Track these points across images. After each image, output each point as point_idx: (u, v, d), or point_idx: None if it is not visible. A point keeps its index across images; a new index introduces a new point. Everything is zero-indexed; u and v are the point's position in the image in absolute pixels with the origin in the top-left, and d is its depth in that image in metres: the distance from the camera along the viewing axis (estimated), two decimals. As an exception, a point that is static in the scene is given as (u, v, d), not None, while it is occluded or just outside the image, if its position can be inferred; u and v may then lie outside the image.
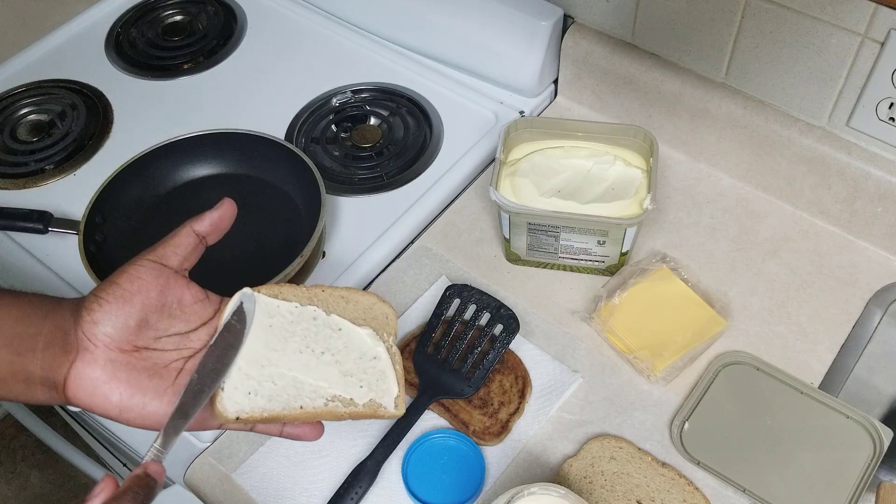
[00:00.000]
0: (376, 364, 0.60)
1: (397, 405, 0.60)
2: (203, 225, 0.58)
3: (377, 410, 0.59)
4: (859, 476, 0.72)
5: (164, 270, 0.55)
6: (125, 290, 0.53)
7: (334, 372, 0.59)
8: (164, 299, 0.55)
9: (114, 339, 0.52)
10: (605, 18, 0.95)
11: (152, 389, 0.53)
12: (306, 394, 0.57)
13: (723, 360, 0.79)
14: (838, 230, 0.89)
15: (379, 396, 0.59)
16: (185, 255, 0.57)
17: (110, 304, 0.52)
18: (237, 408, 0.55)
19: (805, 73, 0.83)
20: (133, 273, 0.54)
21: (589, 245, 0.82)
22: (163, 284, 0.54)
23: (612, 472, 0.72)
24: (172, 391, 0.54)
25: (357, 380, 0.59)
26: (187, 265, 0.57)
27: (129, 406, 0.53)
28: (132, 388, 0.53)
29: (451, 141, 0.99)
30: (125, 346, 0.53)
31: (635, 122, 0.97)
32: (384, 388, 0.60)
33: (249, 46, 1.12)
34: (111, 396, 0.52)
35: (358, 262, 0.87)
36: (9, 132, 1.02)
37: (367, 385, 0.59)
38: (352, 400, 0.58)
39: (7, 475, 1.73)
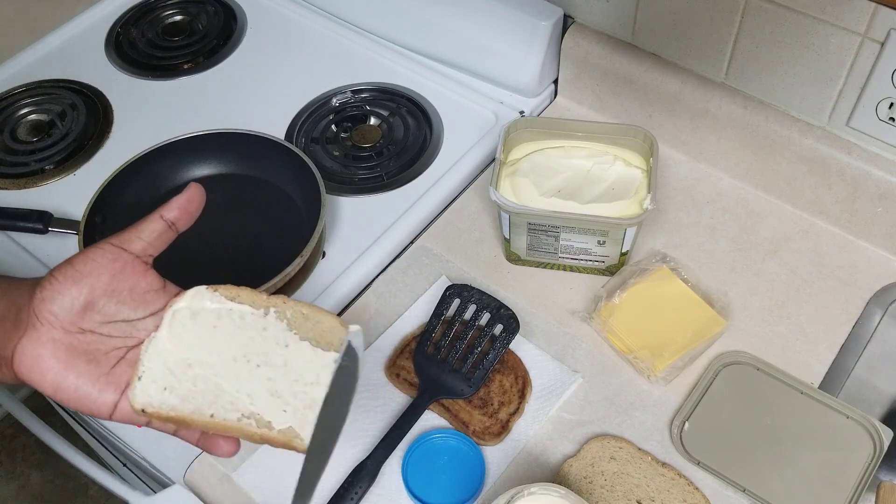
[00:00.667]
0: (311, 391, 0.53)
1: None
2: (171, 211, 0.57)
3: (291, 441, 0.53)
4: (859, 476, 0.72)
5: (123, 255, 0.54)
6: (77, 270, 0.53)
7: (262, 389, 0.53)
8: (115, 284, 0.54)
9: (58, 318, 0.52)
10: (605, 18, 0.95)
11: (87, 374, 0.53)
12: (222, 403, 0.53)
13: (723, 360, 0.79)
14: (838, 230, 0.89)
15: (300, 426, 0.53)
16: (149, 240, 0.56)
17: (60, 284, 0.52)
18: (146, 400, 0.53)
19: (805, 73, 0.83)
20: (89, 255, 0.54)
21: (589, 245, 0.82)
22: (117, 269, 0.54)
23: (612, 472, 0.72)
24: (107, 379, 0.54)
25: (283, 402, 0.53)
26: (152, 251, 0.56)
27: (62, 386, 0.53)
28: (67, 369, 0.53)
29: (451, 141, 0.99)
30: (69, 327, 0.53)
31: (635, 122, 0.97)
32: (309, 419, 0.53)
33: (249, 46, 1.12)
34: (47, 375, 0.52)
35: (358, 262, 0.87)
36: (9, 132, 1.02)
37: (292, 412, 0.53)
38: (269, 423, 0.53)
39: (7, 475, 1.73)
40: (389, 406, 0.78)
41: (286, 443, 0.53)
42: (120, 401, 0.54)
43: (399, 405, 0.78)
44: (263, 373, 0.54)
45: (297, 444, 0.53)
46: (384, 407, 0.78)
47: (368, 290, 0.87)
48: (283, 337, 0.55)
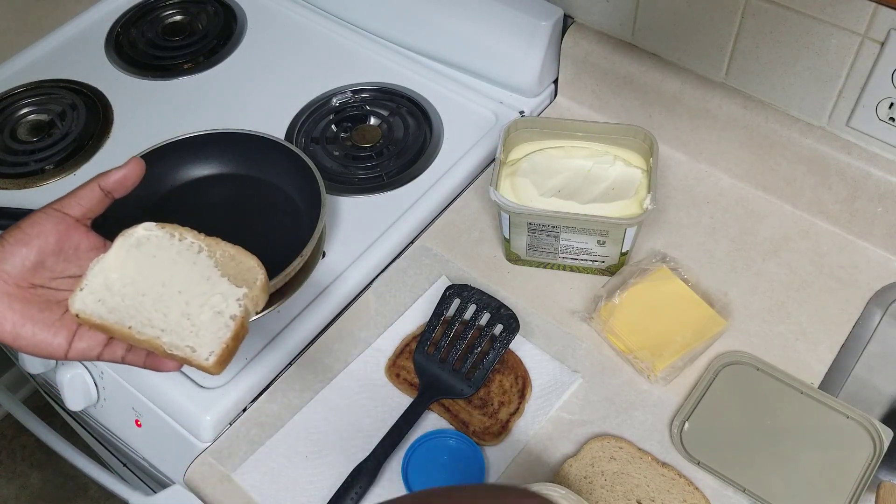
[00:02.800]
0: (217, 320, 0.60)
1: (209, 359, 0.59)
2: (108, 182, 0.63)
3: (190, 357, 0.59)
4: (859, 476, 0.72)
5: (66, 219, 0.61)
6: (26, 233, 0.59)
7: (177, 311, 0.60)
8: (61, 245, 0.60)
9: (11, 275, 0.58)
10: (605, 18, 0.95)
11: (42, 321, 0.59)
12: (141, 318, 0.60)
13: (723, 360, 0.79)
14: (838, 230, 0.89)
15: (198, 345, 0.59)
16: (87, 206, 0.62)
17: (11, 246, 0.59)
18: (82, 307, 0.59)
19: (805, 73, 0.83)
20: (36, 219, 0.60)
21: (589, 245, 0.82)
22: (62, 231, 0.60)
23: (612, 472, 0.72)
24: (60, 323, 0.60)
25: (191, 324, 0.60)
26: (90, 215, 0.63)
27: (20, 334, 0.59)
28: (24, 318, 0.59)
29: (451, 141, 0.99)
30: (22, 283, 0.59)
31: (635, 122, 0.97)
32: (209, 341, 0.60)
33: (249, 46, 1.12)
34: (5, 325, 0.58)
35: (358, 262, 0.87)
36: (9, 132, 1.02)
37: (196, 333, 0.60)
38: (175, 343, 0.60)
39: (7, 475, 1.73)
40: (389, 406, 0.78)
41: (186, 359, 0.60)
42: (73, 341, 0.60)
43: (399, 405, 0.78)
44: (182, 298, 0.61)
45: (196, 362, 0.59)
46: (384, 407, 0.78)
47: (368, 290, 0.87)
48: (207, 272, 0.62)
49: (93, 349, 0.61)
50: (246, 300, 0.61)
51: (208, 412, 0.76)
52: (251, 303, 0.62)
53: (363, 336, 0.83)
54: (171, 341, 0.59)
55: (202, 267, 0.62)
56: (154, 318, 0.60)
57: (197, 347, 0.59)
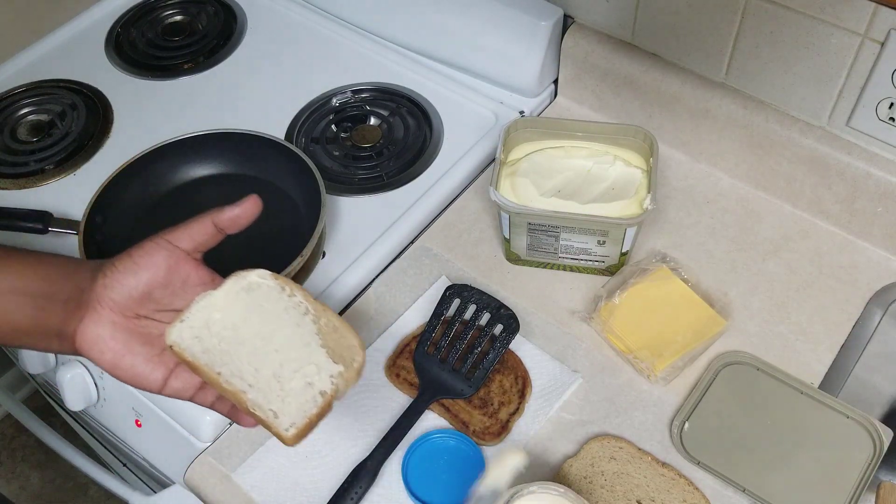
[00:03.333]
0: (307, 391, 0.59)
1: (289, 430, 0.58)
2: (222, 219, 0.61)
3: (270, 423, 0.58)
4: (859, 476, 0.72)
5: (176, 251, 0.59)
6: (136, 263, 0.58)
7: (269, 370, 0.59)
8: (170, 278, 0.59)
9: (118, 304, 0.58)
10: (605, 18, 0.95)
11: (142, 354, 0.59)
12: (231, 368, 0.59)
13: (723, 360, 0.79)
14: (838, 230, 0.89)
15: (281, 412, 0.58)
16: (199, 241, 0.61)
17: (121, 273, 0.58)
18: (177, 338, 0.58)
19: (805, 73, 0.83)
20: (147, 249, 0.59)
21: (589, 245, 0.82)
22: (172, 264, 0.59)
23: (612, 472, 0.72)
24: (160, 358, 0.60)
25: (280, 388, 0.58)
26: (201, 249, 0.61)
27: (119, 364, 0.59)
28: (125, 349, 0.58)
29: (451, 141, 0.99)
30: (127, 313, 0.59)
31: (635, 122, 0.97)
32: (293, 412, 0.58)
33: (249, 46, 1.12)
34: (105, 353, 0.58)
35: (358, 262, 0.87)
36: (9, 132, 1.02)
37: (283, 399, 0.58)
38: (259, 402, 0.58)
39: (7, 475, 1.73)
40: (389, 406, 0.78)
41: (267, 425, 0.58)
42: (169, 378, 0.60)
43: (399, 405, 0.78)
44: (277, 357, 0.59)
45: (275, 430, 0.58)
46: (384, 407, 0.78)
47: (368, 290, 0.87)
48: (308, 338, 0.60)
49: (186, 390, 0.61)
50: (339, 378, 0.59)
51: (208, 412, 0.76)
52: (343, 382, 0.59)
53: (363, 336, 0.83)
54: (255, 399, 0.58)
55: (304, 331, 0.60)
56: (245, 371, 0.59)
57: (280, 414, 0.58)
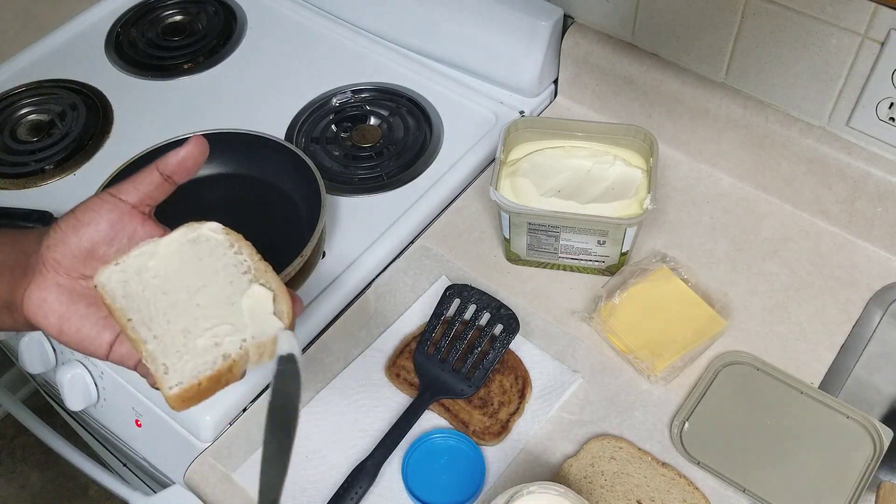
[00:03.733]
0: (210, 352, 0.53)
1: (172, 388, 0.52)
2: (167, 165, 0.58)
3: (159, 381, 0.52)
4: (859, 476, 0.72)
5: (120, 205, 0.56)
6: (78, 220, 0.56)
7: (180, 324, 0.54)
8: (114, 233, 0.56)
9: (62, 264, 0.55)
10: (605, 18, 0.95)
11: (87, 317, 0.56)
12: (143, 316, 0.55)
13: (723, 360, 0.79)
14: (838, 230, 0.89)
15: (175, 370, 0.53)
16: (145, 191, 0.57)
17: (62, 232, 0.55)
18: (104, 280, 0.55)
19: (805, 73, 0.83)
20: (89, 205, 0.56)
21: (589, 245, 0.82)
22: (115, 218, 0.56)
23: (612, 472, 0.72)
24: (107, 320, 0.56)
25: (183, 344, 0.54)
26: (149, 202, 0.58)
27: (64, 329, 0.56)
28: (70, 311, 0.56)
29: (451, 141, 0.99)
30: (72, 273, 0.56)
31: (635, 122, 0.97)
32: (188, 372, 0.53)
33: (249, 46, 1.12)
34: (50, 317, 0.55)
35: (358, 262, 0.87)
36: (9, 132, 1.02)
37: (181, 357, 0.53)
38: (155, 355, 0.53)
39: (7, 475, 1.73)
40: (389, 406, 0.78)
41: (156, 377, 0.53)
42: (115, 342, 0.56)
43: (399, 405, 0.78)
44: (195, 312, 0.55)
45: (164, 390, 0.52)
46: (384, 407, 0.78)
47: (368, 290, 0.87)
48: (236, 297, 0.56)
49: (131, 357, 0.57)
50: (252, 344, 0.53)
51: (208, 412, 0.76)
52: (256, 350, 0.54)
53: (363, 336, 0.83)
54: (153, 351, 0.53)
55: (235, 290, 0.56)
56: (156, 322, 0.54)
57: (171, 370, 0.53)
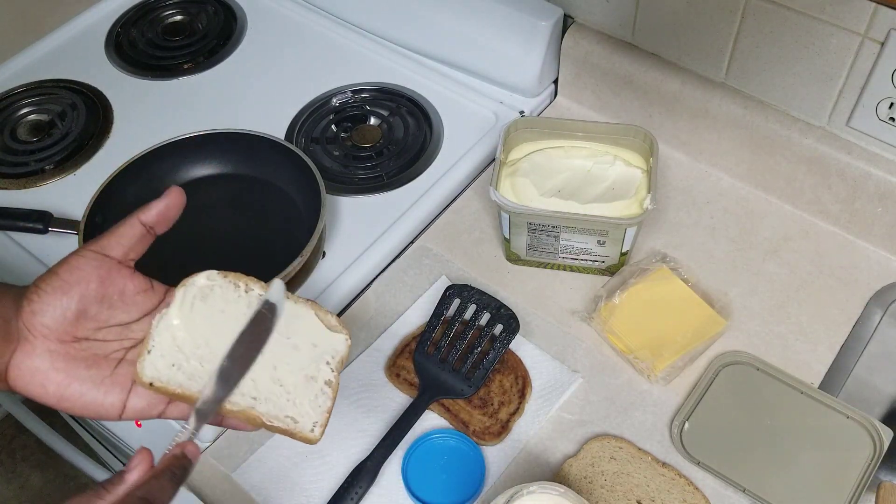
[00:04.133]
0: (310, 385, 0.57)
1: (314, 430, 0.57)
2: (149, 216, 0.57)
3: (292, 429, 0.56)
4: (859, 476, 0.72)
5: (106, 261, 0.54)
6: (64, 280, 0.53)
7: (265, 377, 0.56)
8: (104, 290, 0.54)
9: (52, 329, 0.53)
10: (605, 18, 0.95)
11: (90, 379, 0.54)
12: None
13: (723, 360, 0.79)
14: (838, 230, 0.89)
15: (299, 416, 0.56)
16: (129, 245, 0.56)
17: (49, 295, 0.52)
18: (155, 374, 0.54)
19: (805, 73, 0.83)
20: (73, 263, 0.54)
21: (589, 245, 0.82)
22: (103, 275, 0.54)
23: (612, 472, 0.72)
24: (111, 381, 0.54)
25: (285, 392, 0.56)
26: (133, 255, 0.56)
27: (66, 395, 0.53)
28: (69, 377, 0.53)
29: (451, 141, 0.99)
30: (64, 337, 0.53)
31: (635, 122, 0.97)
32: (310, 411, 0.57)
33: (249, 46, 1.12)
34: (48, 386, 0.53)
35: (358, 262, 0.87)
36: (9, 132, 1.02)
37: (293, 402, 0.56)
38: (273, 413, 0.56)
39: (7, 475, 1.73)
40: (389, 406, 0.78)
41: (288, 431, 0.56)
42: (128, 400, 0.55)
43: (399, 405, 0.78)
44: (266, 361, 0.56)
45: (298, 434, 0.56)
46: (384, 407, 0.78)
47: (368, 290, 0.87)
48: (286, 329, 0.57)
49: (154, 407, 0.55)
50: (335, 362, 0.58)
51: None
52: (339, 364, 0.58)
53: (363, 336, 0.83)
54: (268, 411, 0.55)
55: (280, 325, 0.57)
56: (243, 386, 0.55)
57: (298, 418, 0.56)
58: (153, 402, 0.56)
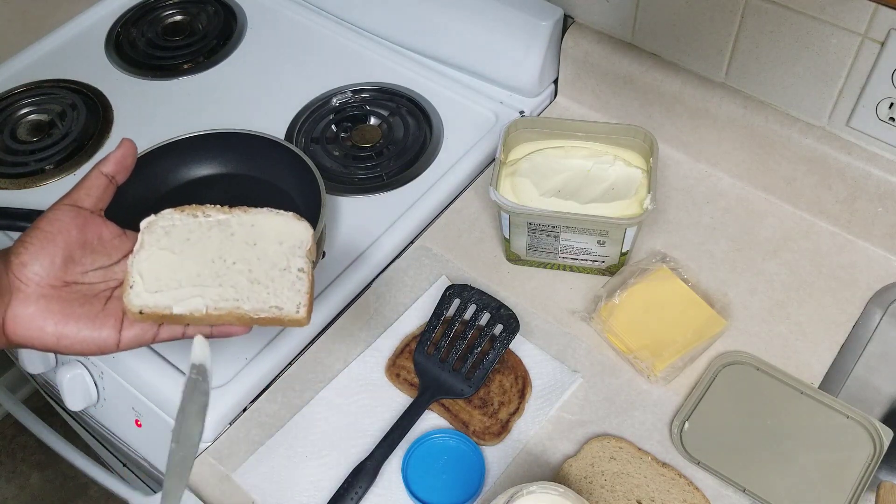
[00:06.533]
0: (286, 275, 0.61)
1: (299, 311, 0.61)
2: (109, 166, 0.62)
3: (280, 316, 0.60)
4: (859, 476, 0.72)
5: (81, 212, 0.60)
6: (47, 232, 0.58)
7: (243, 280, 0.61)
8: (84, 237, 0.59)
9: (43, 276, 0.57)
10: (605, 18, 0.95)
11: (84, 316, 0.58)
12: (212, 297, 0.60)
13: (723, 360, 0.79)
14: (838, 230, 0.89)
15: (282, 303, 0.61)
16: (97, 195, 0.61)
17: (35, 246, 0.57)
18: (140, 302, 0.58)
19: (805, 73, 0.83)
20: (52, 217, 0.59)
21: (589, 245, 0.82)
22: (81, 224, 0.59)
23: (612, 472, 0.72)
24: (104, 315, 0.59)
25: (264, 287, 0.61)
26: (101, 205, 0.62)
27: (64, 333, 0.57)
28: (66, 316, 0.57)
29: (451, 141, 0.99)
30: (55, 283, 0.57)
31: (635, 122, 0.97)
32: (291, 297, 0.61)
33: (249, 46, 1.12)
34: (46, 328, 0.57)
35: (358, 263, 0.87)
36: (9, 132, 1.02)
37: (274, 293, 0.61)
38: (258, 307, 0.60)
39: (7, 475, 1.73)
40: (389, 406, 0.78)
41: (277, 319, 0.60)
42: (122, 330, 0.59)
43: (399, 405, 0.78)
44: (240, 267, 0.61)
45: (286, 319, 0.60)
46: (384, 407, 0.78)
47: (368, 290, 0.87)
48: (248, 237, 0.62)
49: (147, 332, 0.60)
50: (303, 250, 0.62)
51: (208, 412, 0.76)
52: (310, 252, 0.63)
53: (363, 336, 0.83)
54: (252, 307, 0.60)
55: (241, 236, 0.62)
56: (224, 293, 0.60)
57: (281, 305, 0.60)
58: (145, 328, 0.60)
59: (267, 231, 0.63)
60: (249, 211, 0.63)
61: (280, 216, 0.64)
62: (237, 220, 0.63)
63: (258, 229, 0.63)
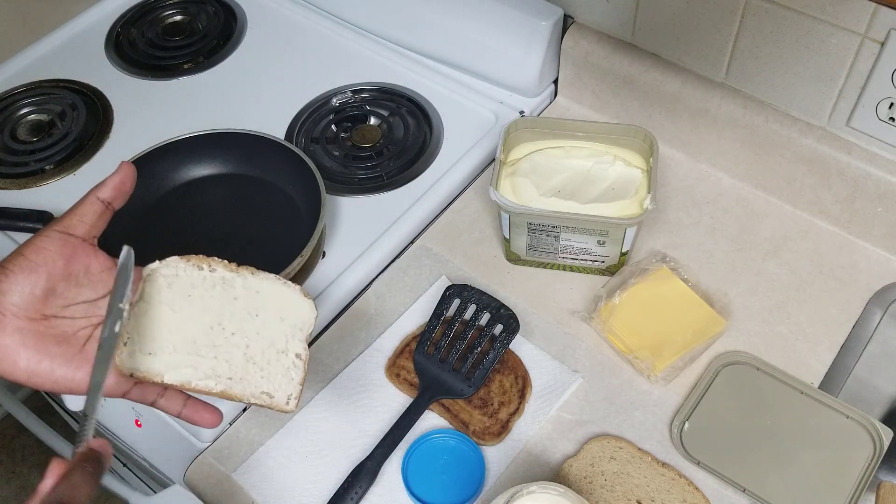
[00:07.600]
0: (282, 359, 0.60)
1: (289, 403, 0.60)
2: (106, 191, 0.59)
3: (269, 404, 0.59)
4: (859, 476, 0.72)
5: (71, 240, 0.56)
6: (31, 260, 0.54)
7: (239, 356, 0.59)
8: (70, 268, 0.56)
9: (21, 308, 0.54)
10: (605, 18, 0.95)
11: (60, 356, 0.55)
12: (204, 370, 0.58)
13: (723, 360, 0.79)
14: (838, 230, 0.89)
15: (274, 390, 0.59)
16: (91, 222, 0.58)
17: (16, 275, 0.54)
18: (132, 364, 0.57)
19: (805, 73, 0.83)
20: (39, 244, 0.55)
21: (589, 245, 0.82)
22: (69, 254, 0.56)
23: (612, 472, 0.72)
24: (81, 357, 0.56)
25: (259, 368, 0.59)
26: (95, 233, 0.58)
27: (36, 371, 0.54)
28: (40, 354, 0.54)
29: (451, 141, 0.99)
30: (33, 315, 0.54)
31: (635, 122, 0.97)
32: (283, 385, 0.60)
33: (249, 46, 1.12)
34: (19, 363, 0.54)
35: (358, 262, 0.87)
36: (9, 132, 1.02)
37: (267, 377, 0.59)
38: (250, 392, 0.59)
39: (7, 475, 1.73)
40: (389, 406, 0.78)
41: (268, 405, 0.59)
42: None
43: (399, 405, 0.78)
44: (237, 340, 0.59)
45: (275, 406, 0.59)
46: (384, 407, 0.78)
47: (368, 290, 0.87)
48: (251, 305, 0.60)
49: (121, 385, 0.58)
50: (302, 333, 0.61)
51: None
52: (308, 335, 0.61)
53: (363, 336, 0.83)
54: (243, 390, 0.59)
55: (245, 302, 0.60)
56: (218, 368, 0.58)
57: (273, 393, 0.59)
58: (121, 382, 0.58)
59: (271, 302, 0.60)
60: (257, 274, 0.61)
61: (287, 288, 0.61)
62: (242, 282, 0.60)
63: (262, 298, 0.60)
